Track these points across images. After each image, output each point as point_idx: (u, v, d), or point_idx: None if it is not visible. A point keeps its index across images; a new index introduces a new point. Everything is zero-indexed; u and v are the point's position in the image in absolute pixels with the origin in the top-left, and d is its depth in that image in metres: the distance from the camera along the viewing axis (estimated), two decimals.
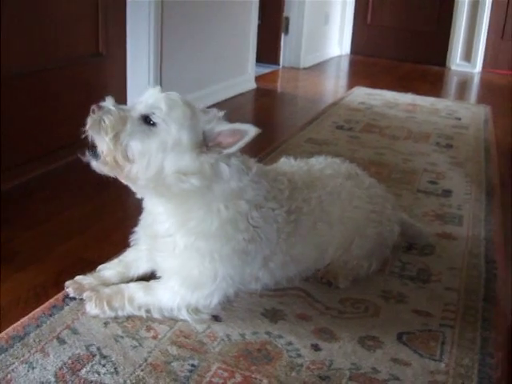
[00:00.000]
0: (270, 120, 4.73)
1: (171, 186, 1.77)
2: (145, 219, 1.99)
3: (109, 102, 1.78)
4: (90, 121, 1.76)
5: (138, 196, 1.89)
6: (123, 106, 1.80)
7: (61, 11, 3.16)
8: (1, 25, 2.77)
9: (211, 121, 1.79)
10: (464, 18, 7.46)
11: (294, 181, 2.07)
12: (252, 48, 5.46)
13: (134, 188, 1.86)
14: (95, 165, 1.79)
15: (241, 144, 1.76)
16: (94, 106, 1.76)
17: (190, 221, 1.84)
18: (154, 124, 1.74)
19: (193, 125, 1.76)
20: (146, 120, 1.74)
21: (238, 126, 1.76)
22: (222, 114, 1.83)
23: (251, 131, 1.74)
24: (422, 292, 2.17)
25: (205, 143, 1.77)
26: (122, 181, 1.83)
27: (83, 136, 1.78)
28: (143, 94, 1.82)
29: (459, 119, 4.88)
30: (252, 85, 5.56)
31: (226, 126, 1.78)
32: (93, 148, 1.77)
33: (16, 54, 2.91)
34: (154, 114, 1.74)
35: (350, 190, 2.18)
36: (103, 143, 1.74)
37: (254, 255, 1.93)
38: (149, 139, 1.73)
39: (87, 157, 1.80)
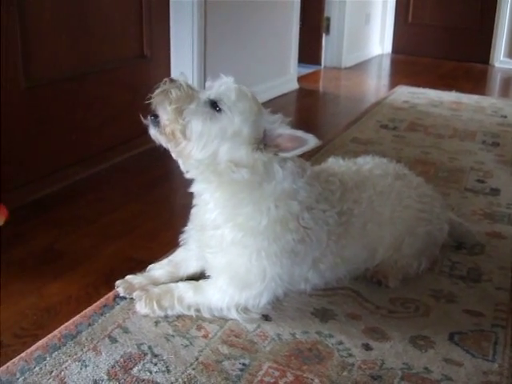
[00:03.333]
0: (313, 120, 4.72)
1: (221, 174, 1.79)
2: (194, 209, 1.99)
3: (181, 78, 1.80)
4: (158, 90, 1.77)
5: (187, 176, 1.88)
6: (193, 86, 1.81)
7: (105, 14, 3.20)
8: (47, 30, 2.82)
9: (274, 122, 1.80)
10: (508, 13, 7.35)
11: (344, 181, 2.06)
12: (294, 48, 5.45)
13: (183, 166, 1.86)
14: (153, 132, 1.81)
15: (299, 151, 1.78)
16: (166, 79, 1.78)
17: (238, 216, 1.84)
18: (219, 110, 1.75)
19: (256, 121, 1.78)
20: (213, 105, 1.76)
21: (299, 133, 1.77)
22: (287, 120, 1.83)
23: (311, 142, 1.75)
24: (473, 291, 2.14)
25: (263, 141, 1.78)
26: (173, 155, 1.84)
27: (146, 102, 1.79)
28: (215, 80, 1.84)
29: (505, 117, 4.80)
30: (294, 85, 5.55)
31: (288, 131, 1.79)
32: (155, 116, 1.79)
33: (62, 58, 2.96)
34: (221, 100, 1.76)
35: (399, 190, 2.16)
36: (165, 113, 1.75)
37: (304, 256, 1.92)
38: (210, 123, 1.74)
39: (148, 122, 1.81)
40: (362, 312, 1.98)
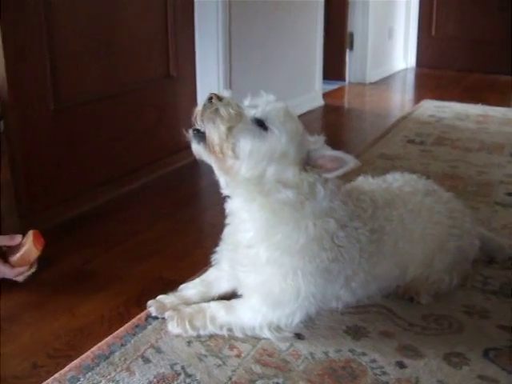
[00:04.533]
0: (339, 136, 4.71)
1: (268, 194, 1.79)
2: (228, 228, 1.99)
3: (228, 95, 1.78)
4: (205, 108, 1.75)
5: (226, 192, 1.87)
6: (239, 103, 1.80)
7: (131, 35, 3.24)
8: (74, 52, 2.86)
9: (317, 143, 1.82)
10: None
11: (375, 199, 2.06)
12: (319, 65, 5.46)
13: (227, 183, 1.84)
14: (196, 147, 1.79)
15: (340, 172, 1.78)
16: (212, 94, 1.75)
17: (275, 235, 1.84)
18: (266, 129, 1.75)
19: (302, 142, 1.79)
20: (260, 124, 1.75)
21: (340, 154, 1.78)
22: (324, 139, 1.85)
23: (351, 162, 1.76)
24: (506, 307, 2.12)
25: (307, 162, 1.79)
26: (217, 172, 1.83)
27: (192, 119, 1.78)
28: (257, 97, 1.83)
29: None
30: (320, 102, 5.56)
31: (330, 152, 1.80)
32: (198, 130, 1.77)
33: (90, 80, 2.99)
34: (269, 119, 1.75)
35: (429, 207, 2.15)
36: (216, 132, 1.72)
37: (337, 274, 1.92)
38: (259, 142, 1.73)
39: (190, 136, 1.79)
40: (394, 329, 1.97)
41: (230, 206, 1.93)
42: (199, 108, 1.77)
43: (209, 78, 3.86)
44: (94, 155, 3.05)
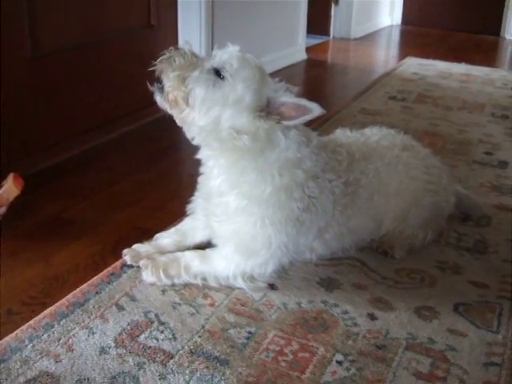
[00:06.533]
0: (321, 91, 4.70)
1: (223, 140, 1.79)
2: (201, 177, 2.00)
3: (186, 46, 1.81)
4: (162, 57, 1.78)
5: (193, 143, 1.88)
6: (199, 54, 1.82)
7: None
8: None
9: (278, 90, 1.80)
10: None
11: (351, 152, 2.06)
12: (303, 19, 5.40)
13: (187, 133, 1.87)
14: (158, 99, 1.82)
15: (302, 120, 1.77)
16: (172, 47, 1.79)
17: (242, 184, 1.85)
18: (222, 78, 1.75)
19: (259, 88, 1.77)
20: (217, 73, 1.76)
21: (303, 101, 1.76)
22: (295, 89, 1.84)
23: (316, 110, 1.74)
24: (479, 263, 2.15)
25: (266, 109, 1.78)
26: (177, 122, 1.85)
27: (150, 69, 1.80)
28: (221, 48, 1.83)
29: None
30: (303, 56, 5.52)
31: (291, 99, 1.78)
32: (161, 82, 1.80)
33: (69, 28, 2.94)
34: (224, 68, 1.76)
35: (406, 162, 2.16)
36: (168, 80, 1.77)
37: (309, 225, 1.93)
38: (213, 90, 1.75)
39: (153, 89, 1.82)
40: (367, 282, 1.99)
41: (200, 155, 1.94)
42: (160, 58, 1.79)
43: (191, 29, 3.81)
44: (72, 104, 3.02)
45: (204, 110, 1.75)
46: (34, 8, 2.69)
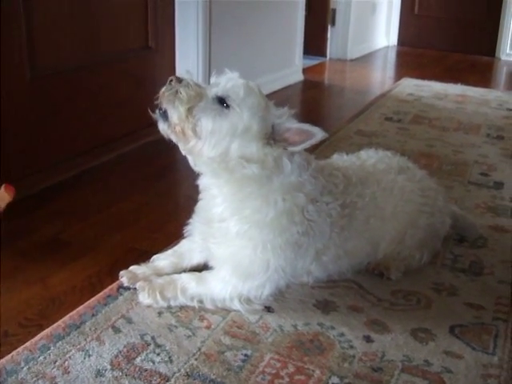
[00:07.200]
0: (318, 112, 4.72)
1: (233, 170, 1.80)
2: (200, 203, 2.00)
3: (188, 76, 1.81)
4: (165, 90, 1.77)
5: (196, 169, 1.89)
6: (200, 83, 1.82)
7: (111, 5, 3.21)
8: (52, 20, 2.83)
9: (282, 116, 1.81)
10: None
11: (348, 176, 2.07)
12: (299, 40, 5.45)
13: (193, 162, 1.87)
14: (162, 127, 1.81)
15: (307, 145, 1.78)
16: (172, 77, 1.78)
17: (245, 209, 1.85)
18: (227, 107, 1.76)
19: (264, 116, 1.79)
20: (221, 101, 1.76)
21: (306, 126, 1.78)
22: (292, 112, 1.84)
23: (319, 135, 1.75)
24: (475, 285, 2.15)
25: (272, 136, 1.79)
26: (183, 152, 1.85)
27: (155, 102, 1.80)
28: (220, 76, 1.84)
29: (510, 110, 4.79)
30: (299, 77, 5.55)
31: (296, 125, 1.80)
32: (162, 109, 1.79)
33: (67, 49, 2.97)
34: (230, 97, 1.76)
35: (401, 185, 2.17)
36: (176, 113, 1.75)
37: (307, 248, 1.94)
38: (221, 120, 1.75)
39: (156, 116, 1.81)
40: (363, 304, 2.00)
41: (202, 182, 1.94)
42: (162, 90, 1.78)
43: (188, 51, 3.84)
44: (70, 125, 3.03)
45: (213, 141, 1.75)
46: (33, 30, 2.71)
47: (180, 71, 3.80)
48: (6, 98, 2.62)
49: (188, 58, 3.81)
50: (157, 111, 1.80)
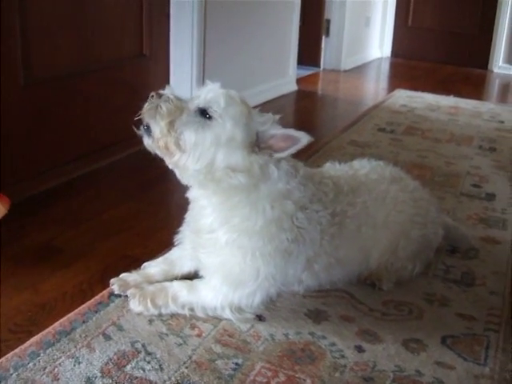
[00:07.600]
0: (311, 122, 4.73)
1: (219, 181, 1.79)
2: (190, 213, 2.00)
3: (168, 91, 1.80)
4: (147, 106, 1.78)
5: (184, 182, 1.89)
6: (181, 97, 1.82)
7: (105, 13, 3.21)
8: (47, 27, 2.82)
9: (266, 123, 1.81)
10: (507, 19, 7.36)
11: (339, 185, 2.07)
12: (293, 50, 5.46)
13: (180, 175, 1.86)
14: (147, 142, 1.81)
15: (292, 150, 1.78)
16: (153, 93, 1.78)
17: (233, 218, 1.85)
18: (210, 118, 1.76)
19: (248, 124, 1.78)
20: (203, 113, 1.76)
21: (291, 132, 1.77)
22: (277, 117, 1.84)
23: (304, 139, 1.75)
24: (466, 296, 2.15)
25: (257, 144, 1.79)
26: (169, 166, 1.85)
27: (137, 118, 1.80)
28: (202, 88, 1.84)
29: (502, 122, 4.82)
30: (293, 87, 5.56)
31: (280, 131, 1.79)
32: (148, 126, 1.79)
33: (61, 56, 2.96)
34: (211, 108, 1.76)
35: (394, 195, 2.17)
36: (157, 127, 1.76)
37: (297, 255, 1.93)
38: (203, 132, 1.75)
39: (141, 132, 1.81)
40: (355, 314, 1.99)
41: (191, 194, 1.95)
42: (144, 106, 1.78)
43: (182, 59, 3.85)
44: (63, 132, 3.03)
45: (197, 153, 1.75)
46: (27, 37, 2.71)
47: (174, 79, 3.80)
48: (0, 104, 2.61)
49: (182, 66, 3.82)
50: (141, 127, 1.80)
